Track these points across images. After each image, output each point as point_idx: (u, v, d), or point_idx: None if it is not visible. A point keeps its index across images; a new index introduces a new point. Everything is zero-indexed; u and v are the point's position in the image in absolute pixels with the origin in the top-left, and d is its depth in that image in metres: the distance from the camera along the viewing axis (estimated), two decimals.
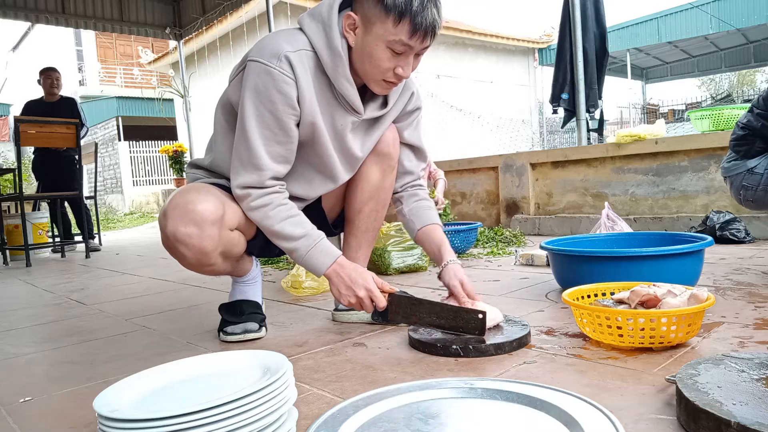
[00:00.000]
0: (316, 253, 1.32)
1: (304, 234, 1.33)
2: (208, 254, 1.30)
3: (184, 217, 1.25)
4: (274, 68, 1.25)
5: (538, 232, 3.99)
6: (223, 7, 6.44)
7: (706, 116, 3.67)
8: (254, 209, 1.33)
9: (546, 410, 0.82)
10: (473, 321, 1.29)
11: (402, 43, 1.24)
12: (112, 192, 15.56)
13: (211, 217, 1.27)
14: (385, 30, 1.23)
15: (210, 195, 1.30)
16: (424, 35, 1.24)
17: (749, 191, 1.98)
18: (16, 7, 5.97)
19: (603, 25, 4.67)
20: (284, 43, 1.28)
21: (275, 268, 3.05)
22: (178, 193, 1.32)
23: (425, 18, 1.21)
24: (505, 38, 14.14)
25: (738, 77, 27.98)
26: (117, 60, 19.49)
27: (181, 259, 1.32)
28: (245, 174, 1.31)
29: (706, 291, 1.20)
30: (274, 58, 1.26)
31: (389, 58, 1.26)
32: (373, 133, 1.47)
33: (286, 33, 1.32)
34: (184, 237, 1.25)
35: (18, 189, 4.32)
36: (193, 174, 1.51)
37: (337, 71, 1.30)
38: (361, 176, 1.54)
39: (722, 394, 0.79)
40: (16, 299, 2.63)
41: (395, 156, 1.55)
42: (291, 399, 0.78)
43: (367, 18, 1.25)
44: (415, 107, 1.55)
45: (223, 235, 1.31)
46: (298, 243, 1.32)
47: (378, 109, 1.44)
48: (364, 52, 1.27)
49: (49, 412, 1.10)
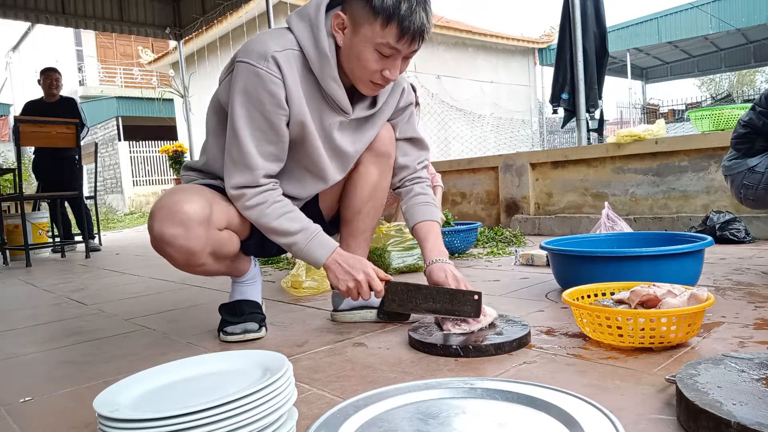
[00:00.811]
0: (315, 245, 1.34)
1: (302, 228, 1.34)
2: (195, 254, 1.29)
3: (170, 218, 1.25)
4: (261, 69, 1.25)
5: (538, 232, 3.99)
6: (223, 7, 6.43)
7: (706, 116, 3.67)
8: (250, 208, 1.33)
9: (546, 410, 0.82)
10: (469, 302, 1.32)
11: (389, 46, 1.23)
12: (112, 192, 15.57)
13: (197, 217, 1.26)
14: (372, 32, 1.22)
15: (196, 195, 1.30)
16: (412, 39, 1.23)
17: (750, 190, 1.98)
18: (16, 7, 5.96)
19: (603, 25, 4.67)
20: (271, 43, 1.28)
21: (275, 268, 3.05)
22: (165, 194, 1.32)
23: (413, 22, 1.21)
24: (505, 38, 14.13)
25: (738, 77, 27.98)
26: (117, 60, 19.49)
27: (169, 259, 1.31)
28: (238, 175, 1.32)
29: (706, 291, 1.20)
30: (261, 58, 1.26)
31: (377, 60, 1.26)
32: (364, 132, 1.47)
33: (273, 33, 1.33)
34: (170, 238, 1.25)
35: (18, 189, 4.32)
36: (188, 176, 1.51)
37: (324, 72, 1.30)
38: (360, 176, 1.53)
39: (722, 394, 0.79)
40: (16, 299, 2.63)
41: (393, 155, 1.55)
42: (291, 399, 0.78)
43: (355, 19, 1.24)
44: (407, 103, 1.55)
45: (210, 235, 1.31)
46: (296, 237, 1.33)
47: (366, 109, 1.43)
48: (352, 52, 1.27)
49: (49, 412, 1.10)
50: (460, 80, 12.72)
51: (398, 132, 1.57)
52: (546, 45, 14.91)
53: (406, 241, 2.58)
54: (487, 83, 13.68)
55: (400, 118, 1.56)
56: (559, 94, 4.74)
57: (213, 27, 9.57)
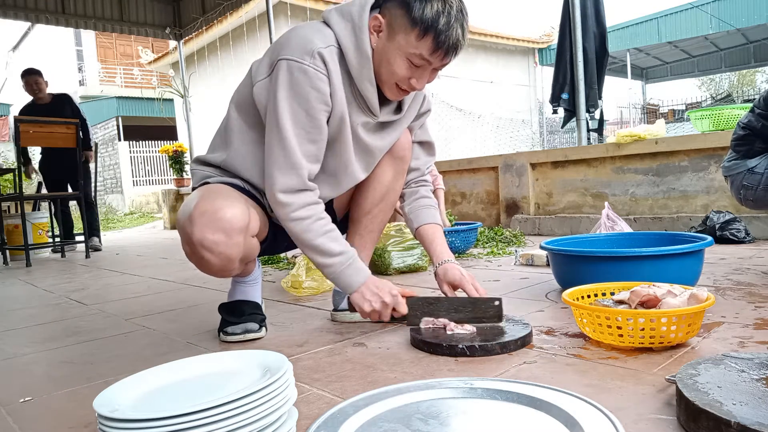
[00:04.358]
0: (351, 271, 1.33)
1: (342, 251, 1.32)
2: (232, 261, 1.28)
3: (213, 224, 1.22)
4: (308, 66, 1.24)
5: (538, 232, 3.99)
6: (223, 7, 6.44)
7: (706, 116, 3.67)
8: (294, 220, 1.30)
9: (546, 410, 0.82)
10: (491, 309, 1.35)
11: (421, 57, 1.24)
12: (112, 192, 15.57)
13: (239, 225, 1.25)
14: (407, 41, 1.23)
15: (237, 201, 1.28)
16: (446, 53, 1.24)
17: (749, 191, 1.98)
18: (16, 7, 5.97)
19: (603, 25, 4.67)
20: (315, 39, 1.26)
21: (275, 268, 3.05)
22: (203, 197, 1.28)
23: (449, 37, 1.21)
24: (505, 38, 14.13)
25: (738, 77, 27.96)
26: (117, 60, 19.48)
27: (204, 264, 1.28)
28: (282, 177, 1.28)
29: (706, 291, 1.20)
30: (307, 55, 1.24)
31: (406, 68, 1.26)
32: (386, 135, 1.47)
33: (312, 27, 1.31)
34: (211, 244, 1.23)
35: (18, 189, 4.32)
36: (202, 171, 1.47)
37: (362, 73, 1.30)
38: (375, 177, 1.54)
39: (722, 394, 0.79)
40: (16, 299, 2.63)
41: (408, 160, 1.57)
42: (291, 399, 0.78)
43: (392, 25, 1.25)
44: (426, 110, 1.58)
45: (247, 242, 1.30)
46: (335, 260, 1.31)
47: (392, 114, 1.44)
48: (384, 56, 1.27)
49: (49, 412, 1.10)
50: (460, 80, 12.72)
51: (413, 135, 1.59)
52: (546, 45, 14.91)
53: (406, 241, 2.58)
54: (487, 83, 13.68)
55: (416, 123, 1.58)
56: (559, 94, 4.75)
57: (213, 27, 9.58)
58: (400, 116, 1.46)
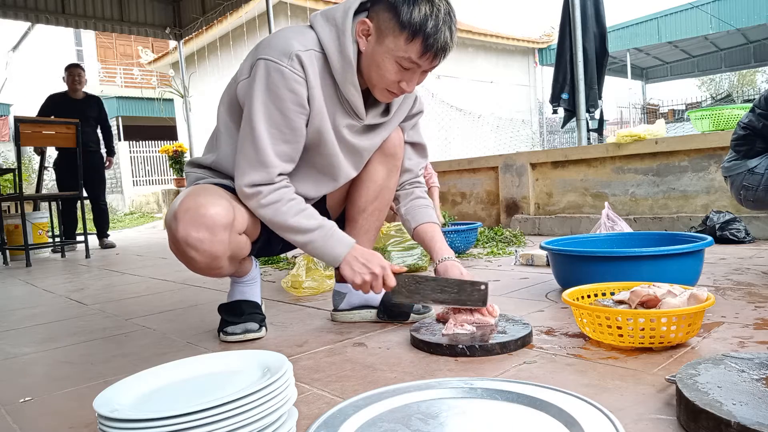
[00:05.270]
0: (334, 242, 1.33)
1: (319, 225, 1.33)
2: (218, 258, 1.29)
3: (196, 222, 1.24)
4: (285, 67, 1.25)
5: (538, 232, 3.99)
6: (223, 7, 6.43)
7: (706, 116, 3.67)
8: (265, 206, 1.31)
9: (546, 410, 0.82)
10: (476, 292, 1.33)
11: (411, 60, 1.25)
12: (112, 192, 15.56)
13: (223, 222, 1.26)
14: (396, 45, 1.23)
15: (221, 198, 1.29)
16: (434, 56, 1.25)
17: (749, 191, 1.98)
18: (16, 7, 5.97)
19: (603, 25, 4.66)
20: (294, 41, 1.27)
21: (275, 268, 3.05)
22: (188, 195, 1.30)
23: (437, 40, 1.22)
24: (505, 38, 14.13)
25: (738, 77, 27.96)
26: (117, 60, 19.47)
27: (190, 262, 1.30)
28: (252, 172, 1.30)
29: (706, 291, 1.20)
30: (285, 56, 1.25)
31: (396, 71, 1.27)
32: (373, 136, 1.47)
33: (295, 31, 1.32)
34: (195, 242, 1.24)
35: (18, 189, 4.32)
36: (195, 173, 1.49)
37: (345, 77, 1.30)
38: (367, 175, 1.54)
39: (722, 394, 0.79)
40: (16, 299, 2.63)
41: (401, 157, 1.57)
42: (291, 399, 0.78)
43: (380, 29, 1.25)
44: (418, 111, 1.57)
45: (232, 239, 1.30)
46: (313, 235, 1.32)
47: (379, 116, 1.44)
48: (373, 60, 1.28)
49: (49, 412, 1.10)
50: (460, 80, 12.72)
51: (405, 136, 1.59)
52: (546, 45, 14.91)
53: (406, 241, 2.58)
54: (487, 83, 13.68)
55: (409, 123, 1.58)
56: (559, 94, 4.74)
57: (213, 27, 9.58)
58: (388, 118, 1.47)
